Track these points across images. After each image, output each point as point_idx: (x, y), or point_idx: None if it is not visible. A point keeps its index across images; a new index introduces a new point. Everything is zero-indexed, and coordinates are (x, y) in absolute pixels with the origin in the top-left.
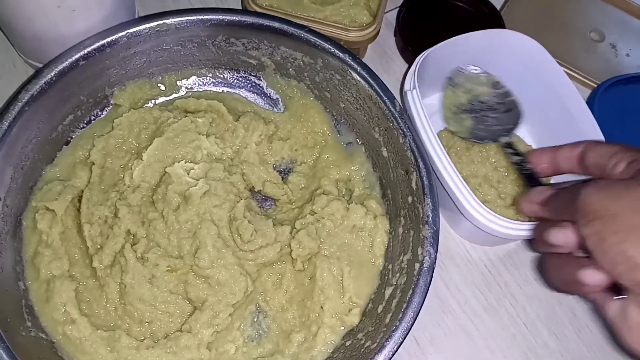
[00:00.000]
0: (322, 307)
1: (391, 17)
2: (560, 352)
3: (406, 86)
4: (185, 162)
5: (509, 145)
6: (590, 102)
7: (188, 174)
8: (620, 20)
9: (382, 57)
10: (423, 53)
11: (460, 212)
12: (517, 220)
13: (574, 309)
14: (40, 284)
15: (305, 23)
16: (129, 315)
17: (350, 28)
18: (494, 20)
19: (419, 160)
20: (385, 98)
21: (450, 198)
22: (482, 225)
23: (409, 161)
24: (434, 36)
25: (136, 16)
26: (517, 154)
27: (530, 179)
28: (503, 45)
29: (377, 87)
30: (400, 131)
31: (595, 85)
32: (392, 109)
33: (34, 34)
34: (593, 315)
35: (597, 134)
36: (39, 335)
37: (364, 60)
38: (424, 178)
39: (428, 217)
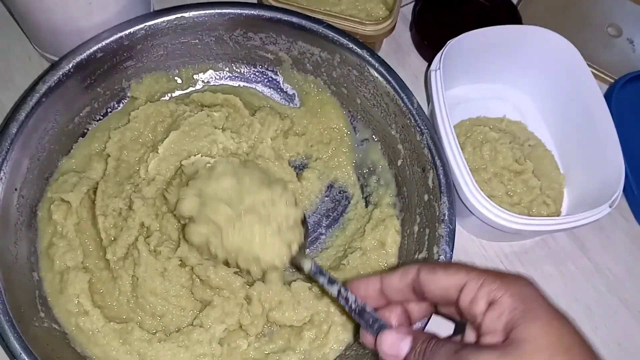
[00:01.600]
0: (330, 309)
1: (407, 11)
2: None
3: (433, 66)
4: (201, 156)
5: (318, 271)
6: (607, 98)
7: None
8: (637, 15)
9: (397, 52)
10: (453, 39)
11: (464, 203)
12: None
13: (591, 306)
14: (54, 275)
15: (321, 17)
16: (141, 308)
17: (367, 22)
18: (510, 14)
19: (436, 158)
20: (402, 95)
21: (455, 188)
22: (484, 218)
23: (425, 159)
24: (450, 30)
25: (152, 9)
26: (332, 280)
27: (362, 316)
28: (528, 40)
29: (394, 84)
30: (417, 128)
31: (613, 81)
32: (410, 106)
33: (51, 27)
34: (610, 312)
35: (612, 131)
36: (52, 326)
37: (379, 54)
38: (441, 176)
39: (444, 215)
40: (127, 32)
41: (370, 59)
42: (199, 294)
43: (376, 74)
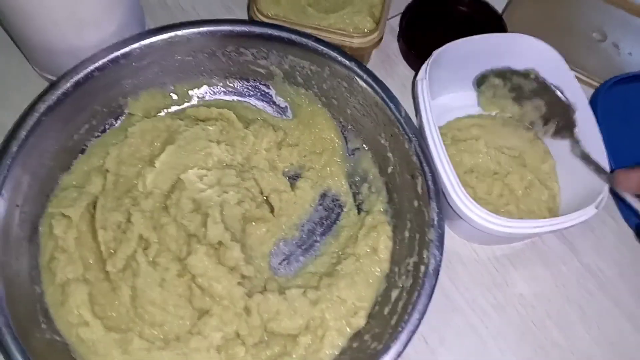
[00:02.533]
0: (324, 315)
1: (394, 23)
2: (571, 350)
3: (419, 75)
4: (197, 169)
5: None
6: (593, 101)
7: (201, 180)
8: (622, 20)
9: (386, 62)
10: (438, 49)
11: (452, 208)
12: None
13: (584, 307)
14: (55, 288)
15: (310, 31)
16: (140, 318)
17: (354, 35)
18: (495, 23)
19: (424, 164)
20: (391, 104)
21: (444, 193)
22: (472, 222)
23: (414, 166)
24: (436, 40)
25: (146, 28)
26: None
27: None
28: (513, 47)
29: (382, 94)
30: (405, 137)
31: (598, 85)
32: (398, 115)
33: (47, 47)
34: (603, 313)
35: (597, 135)
36: (53, 337)
37: (368, 66)
38: (429, 182)
39: (433, 220)
40: (122, 51)
41: (358, 70)
42: (197, 303)
43: (364, 85)
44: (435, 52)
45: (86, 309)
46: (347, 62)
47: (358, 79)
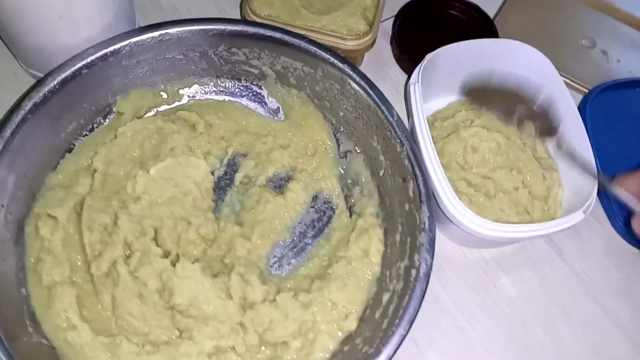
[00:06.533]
0: (316, 318)
1: (387, 25)
2: (556, 351)
3: (412, 79)
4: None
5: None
6: (582, 107)
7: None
8: (611, 27)
9: (378, 65)
10: (431, 53)
11: (443, 212)
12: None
13: (568, 309)
14: (42, 290)
15: (303, 32)
16: (121, 328)
17: (347, 37)
18: (487, 28)
19: (416, 168)
20: (383, 107)
21: (435, 197)
22: (463, 226)
23: (406, 169)
24: (429, 44)
25: (136, 26)
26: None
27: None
28: (504, 53)
29: (375, 97)
30: (397, 140)
31: (587, 91)
32: (390, 118)
33: (36, 45)
34: (586, 315)
35: (585, 140)
36: (40, 341)
37: (360, 68)
38: (421, 186)
39: (424, 224)
40: (112, 48)
41: (351, 72)
42: (180, 324)
43: (357, 87)
44: (428, 56)
45: (74, 312)
46: (340, 64)
47: (351, 82)
